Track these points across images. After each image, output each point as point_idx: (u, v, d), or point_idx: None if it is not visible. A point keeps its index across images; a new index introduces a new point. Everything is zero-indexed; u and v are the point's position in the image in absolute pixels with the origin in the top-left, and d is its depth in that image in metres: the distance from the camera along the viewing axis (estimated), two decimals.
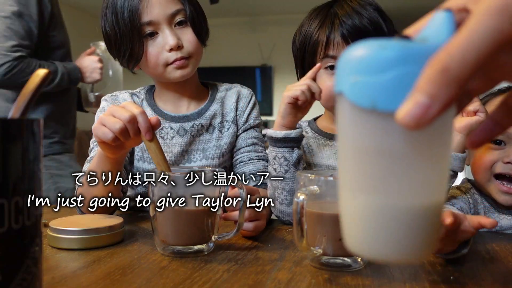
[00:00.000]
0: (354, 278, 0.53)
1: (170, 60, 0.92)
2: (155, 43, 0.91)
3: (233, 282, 0.51)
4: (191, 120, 1.00)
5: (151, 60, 0.93)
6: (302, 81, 0.82)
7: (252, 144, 1.03)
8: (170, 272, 0.55)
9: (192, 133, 1.00)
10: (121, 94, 1.03)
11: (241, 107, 1.05)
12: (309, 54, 0.89)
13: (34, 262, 0.32)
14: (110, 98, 1.02)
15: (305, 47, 0.89)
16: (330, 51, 0.86)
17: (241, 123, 1.05)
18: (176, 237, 0.62)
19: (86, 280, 0.52)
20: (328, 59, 0.87)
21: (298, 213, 0.52)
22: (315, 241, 0.56)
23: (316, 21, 0.88)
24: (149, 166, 0.98)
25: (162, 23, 0.91)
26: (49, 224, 0.67)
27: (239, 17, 7.24)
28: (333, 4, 0.89)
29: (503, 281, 0.53)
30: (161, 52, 0.91)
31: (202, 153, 1.01)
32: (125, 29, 0.90)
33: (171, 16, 0.91)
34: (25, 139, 0.32)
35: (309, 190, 0.54)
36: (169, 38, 0.90)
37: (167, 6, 0.91)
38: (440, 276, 0.54)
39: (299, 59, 0.93)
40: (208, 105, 1.03)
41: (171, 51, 0.91)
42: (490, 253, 0.64)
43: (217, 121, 1.02)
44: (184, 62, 0.93)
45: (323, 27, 0.86)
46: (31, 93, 0.35)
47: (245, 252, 0.63)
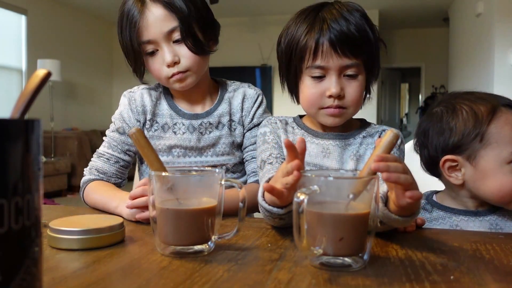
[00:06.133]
0: (354, 278, 0.53)
1: (169, 75, 0.99)
2: (155, 59, 0.99)
3: (233, 282, 0.51)
4: (200, 118, 1.07)
5: (154, 74, 1.02)
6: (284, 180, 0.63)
7: (255, 142, 1.06)
8: (170, 272, 0.55)
9: (200, 130, 1.06)
10: (138, 90, 1.09)
11: (246, 107, 1.09)
12: (296, 59, 0.87)
13: (34, 262, 0.32)
14: (128, 94, 1.08)
15: (292, 51, 0.87)
16: (318, 60, 0.84)
17: (247, 123, 1.10)
18: (176, 237, 0.62)
19: (86, 281, 0.52)
20: (314, 70, 0.85)
21: (298, 213, 0.52)
22: (315, 241, 0.56)
23: (304, 25, 0.86)
24: (162, 158, 1.03)
25: (160, 41, 0.97)
26: (49, 225, 0.67)
27: (239, 17, 7.24)
28: (321, 8, 0.87)
29: (503, 281, 0.53)
30: (161, 67, 0.99)
31: (213, 149, 1.07)
32: (128, 46, 0.99)
33: (167, 34, 0.97)
34: (25, 139, 0.32)
35: (309, 189, 0.54)
36: (166, 56, 0.97)
37: (163, 24, 0.96)
38: (440, 276, 0.54)
39: (284, 62, 0.91)
40: (217, 105, 1.09)
41: (169, 67, 0.98)
42: (490, 253, 0.64)
43: (225, 119, 1.08)
44: (181, 76, 0.99)
45: (311, 32, 0.84)
46: (31, 93, 0.35)
47: (245, 252, 0.63)
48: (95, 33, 7.17)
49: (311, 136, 0.94)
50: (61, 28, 6.49)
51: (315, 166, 0.91)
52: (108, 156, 1.05)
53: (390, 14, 6.97)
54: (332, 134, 0.93)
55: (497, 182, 0.83)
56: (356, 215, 0.56)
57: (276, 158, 0.90)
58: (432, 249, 0.66)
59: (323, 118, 0.90)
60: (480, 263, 0.60)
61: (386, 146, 0.58)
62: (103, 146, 1.08)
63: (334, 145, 0.92)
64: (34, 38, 5.89)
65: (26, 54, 5.78)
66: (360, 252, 0.57)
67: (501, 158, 0.83)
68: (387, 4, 6.61)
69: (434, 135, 0.89)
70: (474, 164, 0.85)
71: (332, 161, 0.91)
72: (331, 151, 0.92)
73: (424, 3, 6.55)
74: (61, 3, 6.47)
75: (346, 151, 0.92)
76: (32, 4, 5.89)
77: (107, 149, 1.06)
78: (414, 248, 0.66)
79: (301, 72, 0.88)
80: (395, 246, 0.67)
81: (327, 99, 0.86)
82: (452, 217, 0.90)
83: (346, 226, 0.56)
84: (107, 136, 1.08)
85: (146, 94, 1.07)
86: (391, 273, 0.55)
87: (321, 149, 0.92)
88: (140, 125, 1.06)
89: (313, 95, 0.87)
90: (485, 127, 0.83)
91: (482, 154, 0.84)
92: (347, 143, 0.93)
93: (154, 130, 1.07)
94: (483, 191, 0.85)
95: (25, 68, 5.77)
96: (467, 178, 0.87)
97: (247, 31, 7.34)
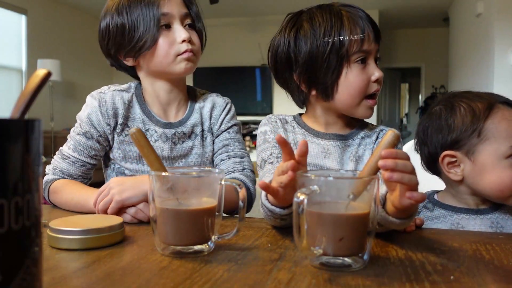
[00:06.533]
0: (354, 278, 0.53)
1: (181, 50, 0.99)
2: (168, 35, 0.99)
3: (233, 282, 0.51)
4: (173, 128, 1.05)
5: (163, 49, 0.98)
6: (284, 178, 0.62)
7: (223, 146, 1.07)
8: (170, 272, 0.55)
9: (174, 139, 1.04)
10: (109, 92, 1.03)
11: (215, 115, 1.09)
12: (335, 52, 0.85)
13: (34, 262, 0.32)
14: (98, 95, 1.02)
15: (327, 47, 0.85)
16: (365, 45, 0.86)
17: (215, 130, 1.09)
18: (176, 237, 0.62)
19: (86, 281, 0.52)
20: (360, 54, 0.87)
21: (298, 213, 0.52)
22: (315, 241, 0.56)
23: (332, 18, 0.86)
24: (131, 165, 1.03)
25: (176, 18, 1.00)
26: (49, 224, 0.67)
27: (239, 17, 7.24)
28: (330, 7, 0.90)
29: (503, 281, 0.53)
30: (174, 43, 0.99)
31: (185, 160, 1.05)
32: (144, 16, 0.97)
33: (183, 16, 1.01)
34: (25, 139, 0.32)
35: (309, 190, 0.54)
36: (182, 32, 0.99)
37: (181, 6, 1.01)
38: (440, 276, 0.54)
39: (314, 62, 0.87)
40: (189, 115, 1.07)
41: (183, 43, 0.98)
42: (490, 253, 0.64)
43: (198, 129, 1.07)
44: (192, 56, 1.00)
45: (350, 20, 0.86)
46: (31, 93, 0.35)
47: (245, 252, 0.63)
48: (95, 33, 7.13)
49: (312, 135, 0.94)
50: (61, 28, 6.49)
51: (316, 166, 0.91)
52: (73, 159, 1.01)
53: (390, 14, 6.97)
54: (333, 135, 0.93)
55: (496, 176, 0.84)
56: (356, 215, 0.56)
57: (277, 158, 0.90)
58: (432, 249, 0.66)
59: (362, 111, 0.91)
60: (480, 263, 0.60)
61: (387, 146, 0.58)
62: (67, 147, 1.02)
63: (335, 146, 0.92)
64: (34, 38, 5.89)
65: (26, 54, 5.78)
66: (360, 252, 0.57)
67: (499, 153, 0.84)
68: (387, 4, 6.61)
69: (433, 133, 0.91)
70: (473, 159, 0.86)
71: (333, 162, 0.91)
72: (331, 151, 0.92)
73: (424, 3, 6.55)
74: (61, 3, 6.48)
75: (346, 152, 0.92)
76: (32, 4, 5.89)
77: (72, 151, 1.01)
78: (414, 248, 0.66)
79: (348, 62, 0.87)
80: (395, 246, 0.67)
81: (372, 84, 0.89)
82: (453, 215, 0.90)
83: (346, 226, 0.56)
84: (72, 137, 1.03)
85: (117, 96, 1.02)
86: (391, 273, 0.55)
87: (322, 149, 0.92)
88: (110, 129, 1.01)
89: (363, 81, 0.88)
90: (482, 122, 0.85)
91: (480, 149, 0.85)
92: (346, 144, 0.93)
93: (125, 135, 1.02)
94: (482, 186, 0.86)
95: (25, 68, 5.77)
96: (466, 174, 0.88)
97: (247, 31, 7.34)
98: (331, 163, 0.91)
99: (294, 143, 0.94)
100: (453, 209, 0.91)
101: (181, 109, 1.08)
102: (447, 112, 0.90)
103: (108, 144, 1.03)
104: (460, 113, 0.88)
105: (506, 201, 0.87)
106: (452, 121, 0.88)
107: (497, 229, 0.87)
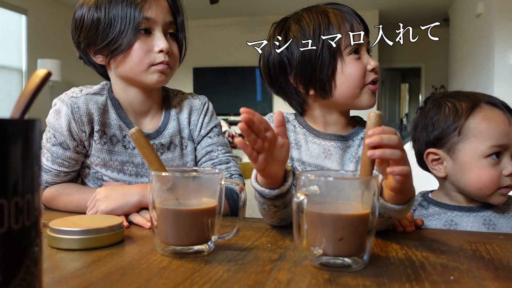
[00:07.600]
0: (354, 278, 0.53)
1: (156, 61, 0.93)
2: (146, 41, 0.93)
3: (233, 282, 0.51)
4: (151, 139, 0.99)
5: (137, 56, 0.92)
6: None
7: (207, 153, 1.03)
8: (170, 272, 0.55)
9: None
10: (82, 96, 0.95)
11: (193, 120, 1.05)
12: (327, 47, 0.86)
13: (34, 262, 0.32)
14: (70, 100, 0.94)
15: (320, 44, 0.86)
16: (356, 37, 0.86)
17: (195, 136, 1.04)
18: (176, 237, 0.62)
19: (86, 281, 0.52)
20: (353, 46, 0.88)
21: (298, 213, 0.52)
22: (315, 241, 0.56)
23: (322, 18, 0.87)
24: (112, 174, 0.98)
25: (159, 25, 0.93)
26: (49, 224, 0.67)
27: (239, 17, 7.24)
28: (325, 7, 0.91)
29: (503, 281, 0.53)
30: (150, 52, 0.93)
31: None
32: (124, 16, 0.90)
33: (167, 24, 0.95)
34: (25, 139, 0.32)
35: (309, 190, 0.54)
36: (162, 41, 0.93)
37: (166, 14, 0.95)
38: (440, 276, 0.54)
39: (308, 61, 0.87)
40: (165, 123, 1.02)
41: (160, 53, 0.93)
42: (490, 253, 0.64)
43: (177, 139, 1.02)
44: (167, 68, 0.94)
45: (338, 16, 0.87)
46: (31, 93, 0.35)
47: (245, 252, 0.63)
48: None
49: (313, 135, 0.94)
50: (61, 28, 6.48)
51: (316, 166, 0.91)
52: (55, 172, 0.96)
53: (390, 14, 6.97)
54: (333, 135, 0.93)
55: (475, 175, 0.86)
56: (356, 216, 0.56)
57: None
58: (432, 249, 0.66)
59: (364, 99, 0.90)
60: (480, 263, 0.60)
61: (373, 127, 0.58)
62: (46, 159, 0.96)
63: (336, 147, 0.92)
64: (34, 38, 5.89)
65: (26, 54, 5.78)
66: (360, 253, 0.57)
67: (478, 152, 0.85)
68: (387, 4, 6.61)
69: (421, 130, 0.93)
70: (454, 157, 0.88)
71: (333, 163, 0.91)
72: (332, 152, 0.92)
73: (424, 3, 6.55)
74: (61, 3, 6.47)
75: (346, 153, 0.92)
76: (32, 4, 5.89)
77: (51, 164, 0.96)
78: (414, 248, 0.66)
79: (341, 56, 0.87)
80: (395, 246, 0.67)
81: (369, 73, 0.89)
82: (447, 213, 0.92)
83: (346, 226, 0.56)
84: (48, 148, 0.95)
85: (91, 101, 0.94)
86: (391, 273, 0.55)
87: (323, 150, 0.92)
88: (85, 136, 0.94)
89: (359, 70, 0.88)
90: (463, 121, 0.87)
91: (460, 147, 0.87)
92: (347, 145, 0.93)
93: (104, 143, 0.96)
94: (463, 183, 0.88)
95: (25, 68, 5.77)
96: (448, 171, 0.90)
97: (247, 31, 7.33)
98: (332, 164, 0.91)
99: (296, 143, 0.94)
100: (447, 206, 0.93)
101: (156, 117, 1.02)
102: (434, 110, 0.92)
103: (87, 151, 0.97)
104: (444, 112, 0.90)
105: (487, 199, 0.88)
106: (436, 119, 0.90)
107: (490, 226, 0.89)
